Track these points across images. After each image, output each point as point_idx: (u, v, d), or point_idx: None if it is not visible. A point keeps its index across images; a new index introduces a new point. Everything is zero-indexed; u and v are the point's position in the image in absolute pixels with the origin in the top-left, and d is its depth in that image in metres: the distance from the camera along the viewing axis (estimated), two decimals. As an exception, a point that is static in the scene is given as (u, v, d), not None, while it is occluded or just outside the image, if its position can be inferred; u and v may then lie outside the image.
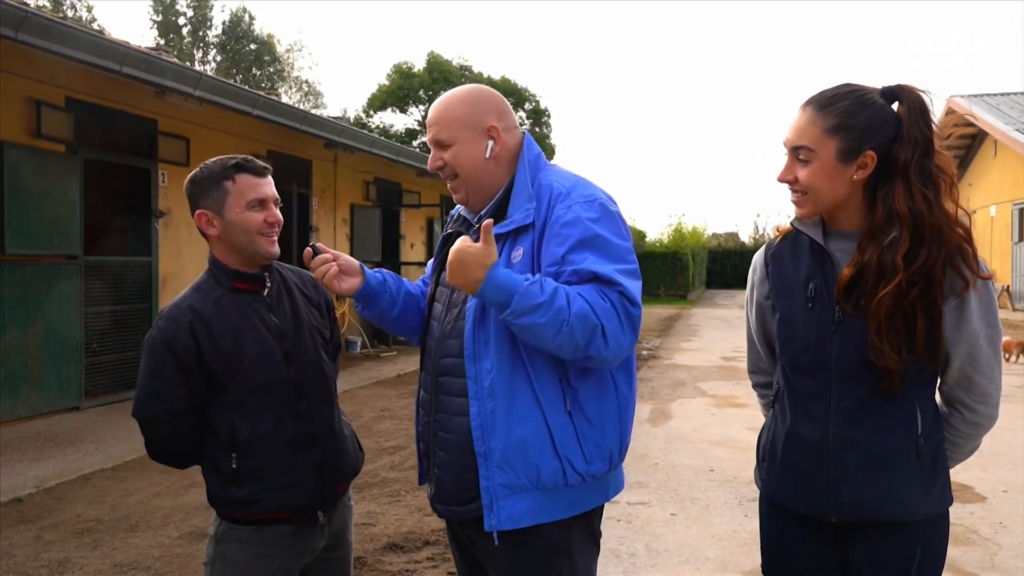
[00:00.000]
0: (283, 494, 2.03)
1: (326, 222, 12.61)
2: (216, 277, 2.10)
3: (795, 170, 1.80)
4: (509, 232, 1.83)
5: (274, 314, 2.11)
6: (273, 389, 2.05)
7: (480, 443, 1.78)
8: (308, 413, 2.10)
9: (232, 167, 2.05)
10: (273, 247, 2.08)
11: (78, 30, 6.64)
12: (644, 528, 4.53)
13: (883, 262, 1.70)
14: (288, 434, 2.05)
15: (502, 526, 1.77)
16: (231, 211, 2.03)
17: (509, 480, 1.77)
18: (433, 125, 1.91)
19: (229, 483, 2.03)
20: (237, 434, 2.01)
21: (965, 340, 1.74)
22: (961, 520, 4.58)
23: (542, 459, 1.77)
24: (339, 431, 2.20)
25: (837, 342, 1.77)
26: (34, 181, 7.15)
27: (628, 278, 1.74)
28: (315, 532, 2.12)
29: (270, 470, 2.03)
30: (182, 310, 2.04)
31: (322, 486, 2.10)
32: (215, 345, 2.01)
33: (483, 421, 1.78)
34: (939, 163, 1.76)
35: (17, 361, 7.09)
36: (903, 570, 1.78)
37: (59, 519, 4.61)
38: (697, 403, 8.61)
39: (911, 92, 1.76)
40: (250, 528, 2.05)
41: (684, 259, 30.59)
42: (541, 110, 36.46)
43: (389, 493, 5.15)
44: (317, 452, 2.10)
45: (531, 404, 1.77)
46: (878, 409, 1.76)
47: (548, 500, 1.80)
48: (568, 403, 1.78)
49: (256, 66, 36.73)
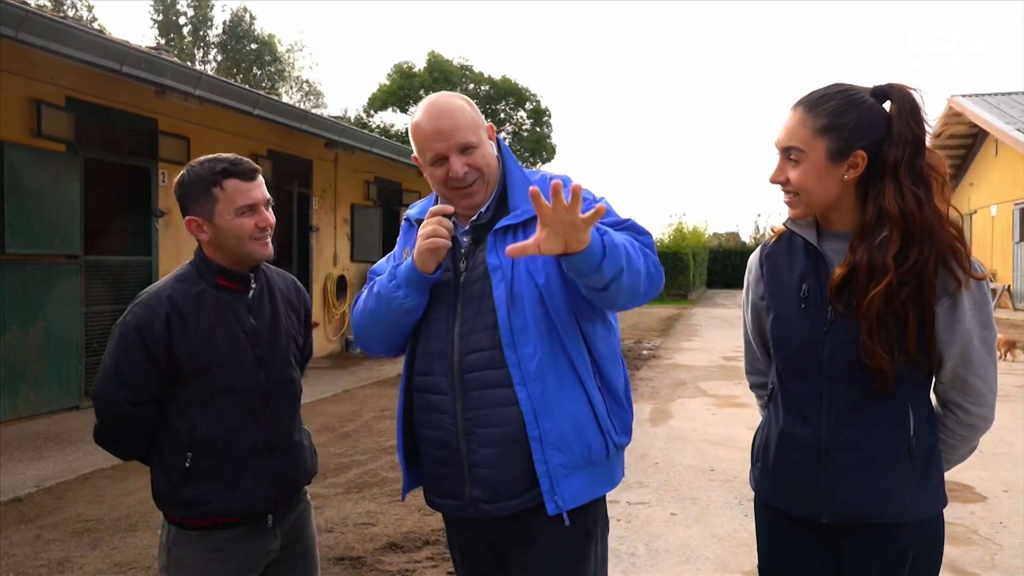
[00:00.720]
0: (234, 498, 2.00)
1: (327, 222, 12.61)
2: (200, 270, 2.07)
3: (786, 171, 1.80)
4: (520, 223, 1.85)
5: (253, 316, 2.08)
6: (240, 392, 2.02)
7: (533, 427, 1.80)
8: (271, 420, 2.07)
9: (220, 172, 2.00)
10: (265, 250, 2.06)
11: (78, 29, 6.64)
12: (644, 528, 4.53)
13: (873, 262, 1.70)
14: (249, 440, 2.03)
15: (567, 506, 1.81)
16: (221, 218, 2.01)
17: (567, 460, 1.81)
18: (456, 131, 1.84)
19: (178, 482, 1.99)
20: (197, 433, 1.98)
21: (958, 341, 1.73)
22: (961, 520, 4.57)
23: (592, 435, 1.84)
24: (298, 441, 2.17)
25: (830, 342, 1.77)
26: (34, 181, 7.15)
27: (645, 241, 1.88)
28: (265, 535, 2.09)
29: (224, 473, 2.00)
30: (160, 300, 2.00)
31: (275, 494, 2.07)
32: (187, 339, 1.98)
33: (534, 405, 1.80)
34: (931, 162, 1.76)
35: (17, 360, 7.09)
36: (896, 572, 1.77)
37: (59, 518, 4.60)
38: (697, 403, 8.60)
39: (901, 91, 1.76)
40: (199, 533, 2.03)
41: (685, 259, 30.56)
42: (542, 110, 36.45)
43: (389, 493, 5.15)
44: (275, 462, 2.07)
45: (575, 382, 1.84)
46: (871, 409, 1.75)
47: (597, 474, 1.87)
48: (597, 378, 1.88)
49: (257, 66, 36.72)
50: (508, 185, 1.92)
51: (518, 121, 36.38)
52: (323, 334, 12.45)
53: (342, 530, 4.43)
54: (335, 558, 4.00)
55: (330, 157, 12.40)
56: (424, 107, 1.90)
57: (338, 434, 6.95)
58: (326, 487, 5.29)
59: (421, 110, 1.90)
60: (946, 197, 1.76)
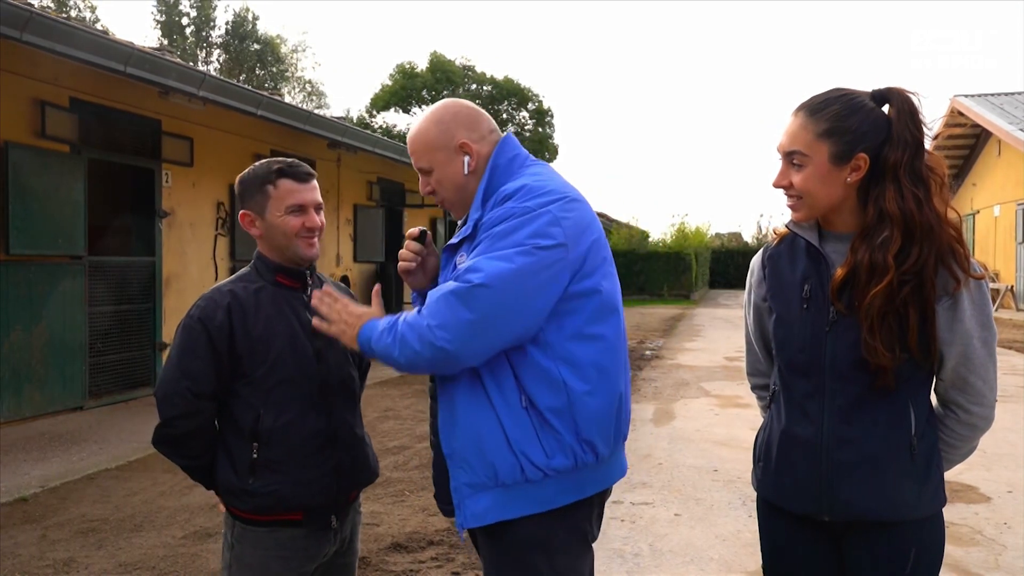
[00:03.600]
0: (300, 489, 2.06)
1: (330, 222, 12.62)
2: (259, 270, 2.17)
3: (789, 175, 1.82)
4: (460, 242, 1.87)
5: (311, 313, 2.12)
6: (299, 383, 2.08)
7: (446, 445, 1.84)
8: (331, 412, 2.14)
9: (275, 172, 2.11)
10: (311, 250, 2.14)
11: (82, 30, 6.65)
12: (648, 528, 4.53)
13: (874, 261, 1.72)
14: (310, 429, 2.09)
15: (467, 524, 1.82)
16: (271, 214, 2.10)
17: (470, 479, 1.80)
18: (412, 155, 1.96)
19: (247, 474, 2.05)
20: (261, 423, 2.04)
21: (959, 341, 1.75)
22: (965, 520, 4.57)
23: (498, 456, 1.77)
24: (360, 436, 2.24)
25: (831, 342, 1.79)
26: (38, 181, 7.16)
27: (488, 261, 1.71)
28: (327, 537, 2.14)
29: (289, 463, 2.05)
30: (223, 293, 2.10)
31: (338, 488, 2.13)
32: (247, 330, 2.06)
33: (444, 423, 1.85)
34: (929, 163, 1.78)
35: (21, 361, 7.10)
36: (898, 570, 1.79)
37: (64, 519, 4.61)
38: (700, 403, 8.60)
39: (900, 94, 1.79)
40: (264, 529, 2.07)
41: (687, 259, 30.55)
42: (544, 110, 36.46)
43: (393, 493, 5.15)
44: (337, 452, 2.13)
45: (483, 402, 1.79)
46: (872, 409, 1.77)
47: (509, 496, 1.79)
48: (523, 399, 1.78)
49: (260, 66, 36.76)
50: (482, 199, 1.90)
51: (520, 121, 36.39)
52: (326, 334, 12.45)
53: (346, 530, 4.44)
54: (339, 558, 4.01)
55: (333, 157, 12.42)
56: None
57: (341, 434, 6.94)
58: (330, 487, 5.30)
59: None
60: (945, 197, 1.79)
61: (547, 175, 1.90)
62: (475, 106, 1.99)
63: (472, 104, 2.00)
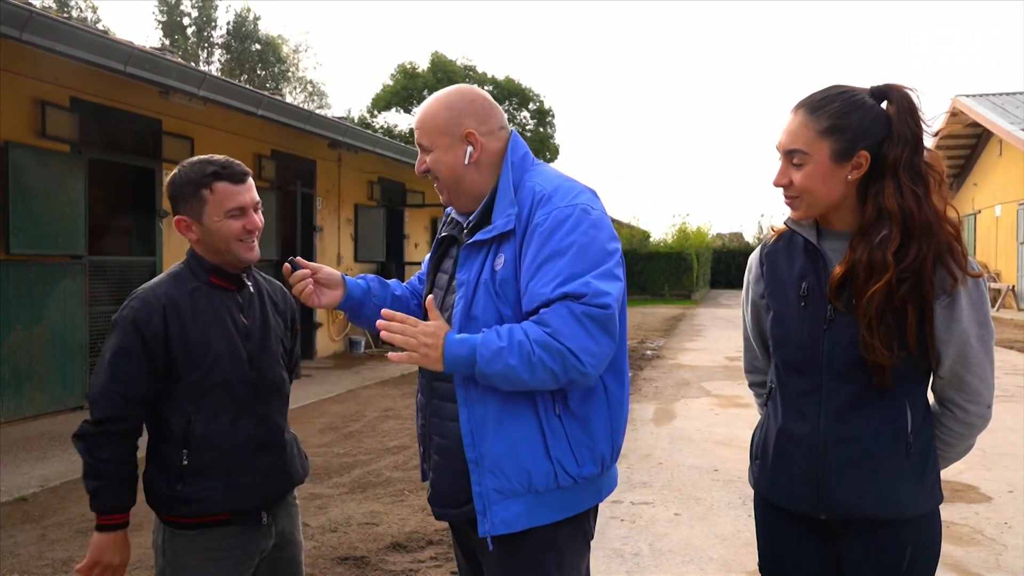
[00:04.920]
0: (230, 495, 2.02)
1: (330, 222, 12.62)
2: (193, 269, 2.10)
3: (790, 174, 1.81)
4: (492, 239, 1.81)
5: (244, 315, 2.11)
6: (233, 388, 2.04)
7: (471, 449, 1.77)
8: (263, 417, 2.10)
9: (210, 175, 2.02)
10: (251, 253, 2.08)
11: (82, 30, 6.65)
12: (648, 528, 4.52)
13: (873, 259, 1.72)
14: (242, 435, 2.05)
15: (496, 531, 1.77)
16: (209, 219, 2.03)
17: (501, 485, 1.76)
18: (416, 129, 1.91)
19: (176, 480, 2.01)
20: (192, 429, 2.00)
21: (956, 340, 1.75)
22: (966, 520, 4.56)
23: (534, 463, 1.76)
24: (289, 440, 2.20)
25: (829, 340, 1.79)
26: (39, 181, 7.16)
27: (602, 280, 1.71)
28: (261, 532, 2.11)
29: (220, 469, 2.02)
30: (157, 294, 2.03)
31: (267, 491, 2.10)
32: (184, 333, 2.00)
33: (473, 427, 1.77)
34: (928, 160, 1.78)
35: (22, 361, 7.11)
36: (895, 567, 1.79)
37: (63, 518, 4.61)
38: (701, 403, 8.60)
39: (899, 91, 1.78)
40: (194, 532, 2.03)
41: (688, 259, 30.54)
42: (545, 110, 36.44)
43: (393, 493, 5.15)
44: (268, 457, 2.10)
45: (524, 408, 1.76)
46: (869, 407, 1.77)
47: (540, 503, 1.79)
48: (558, 406, 1.77)
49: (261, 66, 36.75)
50: (496, 196, 1.85)
51: (521, 121, 36.37)
52: (327, 334, 12.46)
53: (346, 530, 4.43)
54: (339, 558, 4.01)
55: (334, 157, 12.41)
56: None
57: (342, 434, 6.96)
58: (330, 487, 5.30)
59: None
60: (943, 194, 1.79)
61: (557, 172, 1.92)
62: (491, 99, 1.95)
63: (488, 96, 1.95)
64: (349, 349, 12.96)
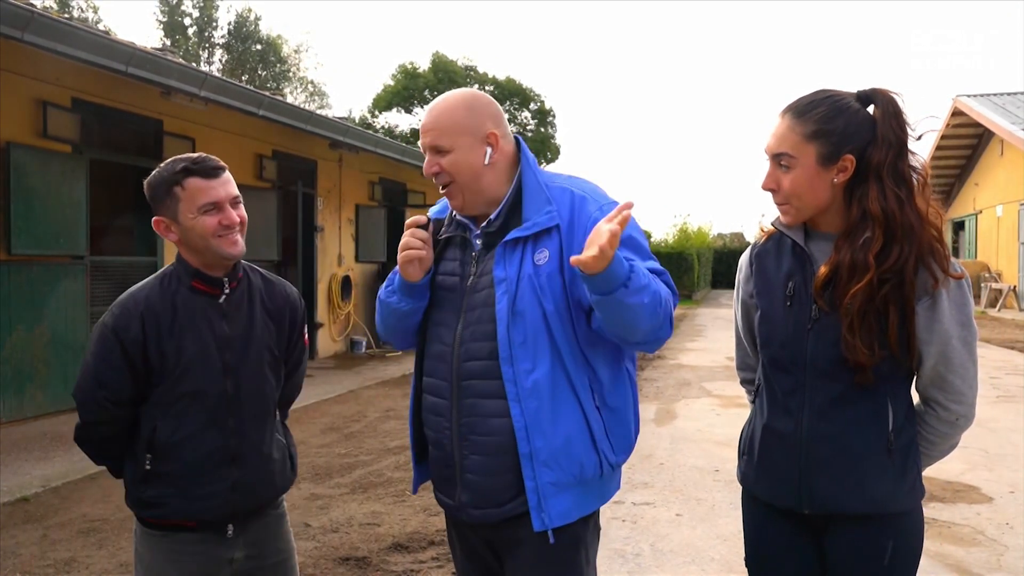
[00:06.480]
0: (192, 504, 1.99)
1: (331, 222, 12.62)
2: (178, 272, 2.07)
3: (777, 177, 1.84)
4: (530, 236, 1.84)
5: (226, 322, 2.05)
6: (203, 398, 2.00)
7: (524, 444, 1.79)
8: (235, 430, 2.03)
9: (180, 172, 1.98)
10: (234, 248, 2.01)
11: (84, 30, 6.66)
12: (649, 528, 4.53)
13: (856, 260, 1.76)
14: (209, 446, 2.00)
15: (553, 524, 1.80)
16: (184, 217, 1.98)
17: (557, 478, 1.80)
18: (431, 130, 1.87)
19: (140, 482, 2.01)
20: (156, 435, 1.98)
21: (937, 340, 1.78)
22: (967, 521, 4.56)
23: (585, 454, 1.82)
24: (267, 454, 2.10)
25: (813, 339, 1.83)
26: (40, 181, 7.17)
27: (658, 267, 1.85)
28: (225, 543, 2.05)
29: (182, 479, 1.99)
30: (137, 301, 2.01)
31: (234, 504, 2.04)
32: (159, 341, 1.98)
33: (527, 422, 1.79)
34: (912, 163, 1.81)
35: (23, 361, 7.11)
36: (876, 562, 1.83)
37: (65, 518, 4.62)
38: (702, 403, 8.60)
39: (885, 95, 1.82)
40: (159, 534, 2.03)
41: (689, 259, 30.51)
42: (546, 110, 36.45)
43: (394, 493, 5.15)
44: (235, 471, 2.03)
45: (572, 401, 1.82)
46: (851, 405, 1.81)
47: (586, 493, 1.86)
48: (596, 398, 1.84)
49: (262, 66, 36.75)
50: (523, 194, 1.88)
51: (522, 122, 36.38)
52: (328, 334, 12.46)
53: (347, 530, 4.44)
54: (340, 558, 4.01)
55: (335, 157, 12.41)
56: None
57: (343, 434, 6.96)
58: (331, 487, 5.30)
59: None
60: (927, 197, 1.82)
61: (567, 175, 2.01)
62: (499, 105, 2.00)
63: (497, 103, 2.00)
64: (350, 349, 12.97)
